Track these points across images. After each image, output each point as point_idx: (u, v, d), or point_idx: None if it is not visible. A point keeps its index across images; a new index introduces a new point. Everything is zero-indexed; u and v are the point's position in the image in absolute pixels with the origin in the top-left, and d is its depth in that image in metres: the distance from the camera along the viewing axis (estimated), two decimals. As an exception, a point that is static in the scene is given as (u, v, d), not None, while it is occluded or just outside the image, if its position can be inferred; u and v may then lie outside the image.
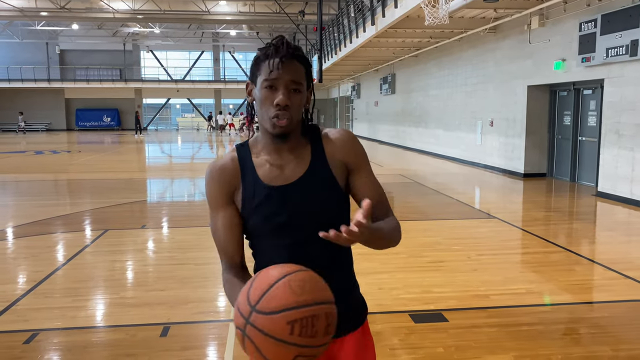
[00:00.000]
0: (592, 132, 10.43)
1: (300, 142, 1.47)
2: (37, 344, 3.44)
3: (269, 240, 1.44)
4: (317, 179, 1.44)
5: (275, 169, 1.44)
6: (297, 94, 1.39)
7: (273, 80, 1.36)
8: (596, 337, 3.53)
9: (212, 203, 1.49)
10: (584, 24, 9.37)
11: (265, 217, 1.42)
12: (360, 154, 1.50)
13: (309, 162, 1.45)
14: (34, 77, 37.80)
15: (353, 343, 1.50)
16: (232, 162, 1.47)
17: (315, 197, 1.43)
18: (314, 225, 1.38)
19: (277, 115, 1.37)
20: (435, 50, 16.60)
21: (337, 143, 1.47)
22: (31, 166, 15.49)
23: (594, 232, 6.97)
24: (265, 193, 1.42)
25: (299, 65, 1.39)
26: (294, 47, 1.39)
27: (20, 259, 5.60)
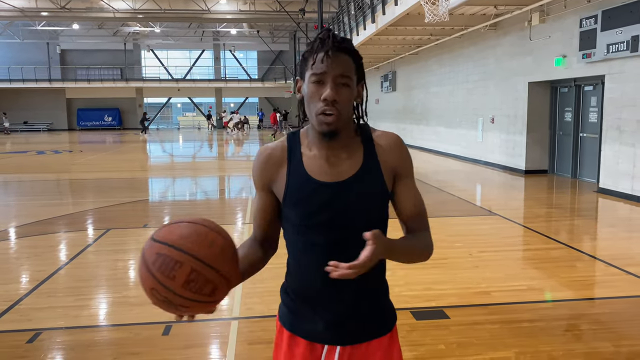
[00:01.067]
0: (593, 129, 10.42)
1: (352, 139, 1.43)
2: (41, 343, 3.46)
3: (305, 235, 1.40)
4: (369, 179, 1.40)
5: (326, 164, 1.39)
6: (345, 88, 1.33)
7: (320, 75, 1.32)
8: (597, 333, 3.54)
9: (255, 184, 1.48)
10: (584, 20, 9.36)
11: (308, 211, 1.38)
12: (409, 161, 1.47)
13: (361, 161, 1.40)
14: (35, 77, 37.84)
15: (379, 350, 1.46)
16: (281, 151, 1.43)
17: (364, 198, 1.38)
18: (355, 226, 1.35)
19: (324, 111, 1.32)
20: (435, 48, 16.59)
21: (389, 147, 1.43)
22: (33, 166, 15.52)
23: (595, 229, 6.97)
24: (312, 187, 1.37)
25: (347, 58, 1.34)
26: (342, 40, 1.34)
27: (23, 259, 5.62)
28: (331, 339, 1.42)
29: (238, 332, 3.59)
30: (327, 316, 1.41)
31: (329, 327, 1.41)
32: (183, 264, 1.16)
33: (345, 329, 1.42)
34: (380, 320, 1.48)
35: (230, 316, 3.91)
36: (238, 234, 6.59)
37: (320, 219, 1.37)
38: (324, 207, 1.36)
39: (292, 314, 1.46)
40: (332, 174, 1.38)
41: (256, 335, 3.57)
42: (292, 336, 1.45)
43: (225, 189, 11.27)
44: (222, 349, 3.38)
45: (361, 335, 1.44)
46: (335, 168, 1.39)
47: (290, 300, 1.47)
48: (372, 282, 1.44)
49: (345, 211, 1.37)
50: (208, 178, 12.93)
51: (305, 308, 1.43)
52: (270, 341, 3.45)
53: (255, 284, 4.60)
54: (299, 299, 1.45)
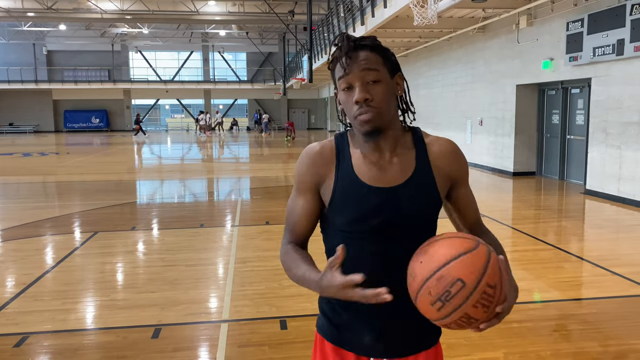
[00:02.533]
0: (580, 131, 10.53)
1: (401, 142, 1.37)
2: (28, 347, 3.42)
3: (352, 241, 1.31)
4: (421, 186, 1.34)
5: (376, 168, 1.33)
6: (376, 85, 1.27)
7: (346, 79, 1.28)
8: (585, 333, 3.58)
9: (298, 184, 1.39)
10: (571, 24, 9.46)
11: (357, 216, 1.31)
12: (466, 167, 1.43)
13: (413, 167, 1.34)
14: (21, 79, 37.44)
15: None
16: (330, 151, 1.36)
17: (415, 206, 1.33)
18: (407, 233, 1.31)
19: (360, 113, 1.27)
20: (424, 50, 16.68)
21: (443, 153, 1.39)
22: (19, 168, 15.35)
23: (582, 230, 7.04)
24: (362, 192, 1.31)
25: (370, 54, 1.29)
26: (359, 38, 1.30)
27: (9, 262, 5.55)
28: (379, 352, 1.38)
29: (227, 335, 3.57)
30: (376, 328, 1.36)
31: (377, 339, 1.36)
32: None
33: (394, 340, 1.37)
34: (428, 332, 1.43)
35: (219, 319, 3.89)
36: (227, 236, 6.57)
37: (370, 225, 1.30)
38: (374, 213, 1.30)
39: (336, 326, 1.40)
40: (383, 178, 1.32)
41: (246, 338, 3.55)
42: (337, 349, 1.40)
43: (215, 191, 11.22)
44: (212, 351, 3.36)
45: (409, 348, 1.40)
46: (386, 172, 1.33)
47: (334, 311, 1.40)
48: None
49: (396, 218, 1.31)
50: (196, 180, 12.87)
51: (352, 320, 1.37)
52: (260, 343, 3.45)
53: (245, 286, 4.58)
54: (345, 310, 1.37)
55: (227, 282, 4.70)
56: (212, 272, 5.13)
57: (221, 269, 5.18)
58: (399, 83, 1.36)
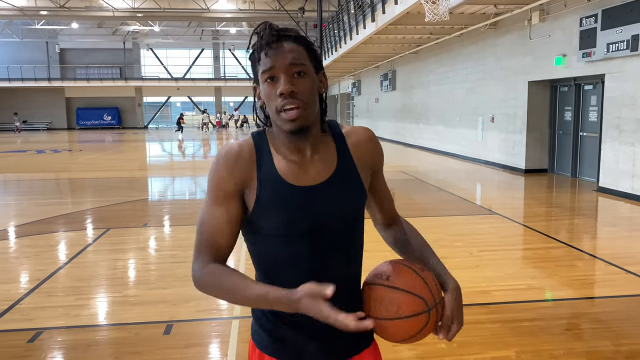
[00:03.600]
0: (593, 128, 10.42)
1: (321, 138, 1.31)
2: (41, 342, 3.46)
3: (284, 248, 1.25)
4: (346, 180, 1.29)
5: (298, 166, 1.26)
6: (302, 77, 1.20)
7: (270, 70, 1.19)
8: (597, 332, 3.55)
9: (216, 191, 1.25)
10: (584, 19, 9.36)
11: (287, 218, 1.23)
12: (382, 155, 1.40)
13: (335, 161, 1.29)
14: (34, 76, 37.82)
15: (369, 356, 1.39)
16: (249, 152, 1.26)
17: (343, 201, 1.28)
18: (338, 230, 1.27)
19: (284, 106, 1.19)
20: (435, 47, 16.58)
21: (363, 143, 1.34)
22: (33, 165, 15.52)
23: (595, 228, 6.98)
24: (287, 193, 1.24)
25: (294, 45, 1.21)
26: (284, 29, 1.21)
27: (23, 258, 5.62)
28: (324, 358, 1.32)
29: (239, 331, 3.59)
30: (318, 335, 1.28)
31: (320, 347, 1.30)
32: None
33: (337, 345, 1.31)
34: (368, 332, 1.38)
35: (230, 315, 3.91)
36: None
37: (301, 227, 1.23)
38: (303, 213, 1.23)
39: (274, 338, 1.31)
40: (308, 176, 1.26)
41: (256, 335, 3.56)
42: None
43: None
44: (223, 348, 3.38)
45: (353, 348, 1.35)
46: (310, 170, 1.26)
47: (270, 322, 1.31)
48: (356, 295, 1.31)
49: (325, 217, 1.24)
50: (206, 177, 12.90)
51: (289, 331, 1.29)
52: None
53: (256, 283, 4.60)
54: (281, 321, 1.29)
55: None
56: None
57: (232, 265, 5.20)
58: (323, 80, 1.29)
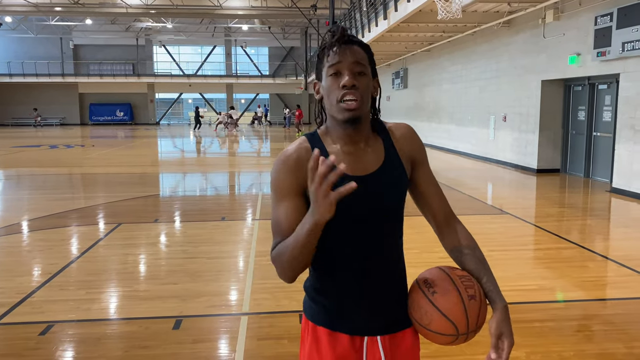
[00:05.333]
0: (607, 128, 10.31)
1: (371, 132, 1.47)
2: (53, 335, 3.50)
3: (340, 231, 1.39)
4: (393, 170, 1.44)
5: (352, 157, 1.41)
6: (362, 76, 1.37)
7: (336, 65, 1.36)
8: (609, 334, 3.51)
9: (281, 192, 1.40)
10: (599, 18, 9.25)
11: (342, 207, 1.31)
12: (424, 148, 1.54)
13: (383, 153, 1.45)
14: (48, 72, 38.17)
15: (410, 338, 1.52)
16: (306, 152, 1.40)
17: (392, 188, 1.43)
18: (387, 215, 1.44)
19: (345, 96, 1.35)
20: (448, 45, 16.49)
21: (404, 137, 1.50)
22: (46, 160, 15.67)
23: (608, 229, 6.90)
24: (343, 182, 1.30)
25: (359, 49, 1.39)
26: (352, 35, 1.40)
27: (36, 252, 5.68)
28: (371, 330, 1.46)
29: (247, 328, 3.60)
30: (367, 308, 1.44)
31: (369, 319, 1.45)
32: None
33: (385, 319, 1.46)
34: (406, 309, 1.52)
35: (239, 312, 3.92)
36: (248, 229, 6.61)
37: (354, 213, 1.38)
38: (357, 201, 1.36)
39: (328, 311, 1.46)
40: (360, 167, 1.41)
41: (265, 331, 3.58)
42: (331, 332, 1.46)
43: (235, 185, 11.30)
44: (232, 344, 3.39)
45: (397, 324, 1.49)
46: (362, 161, 1.42)
47: (325, 298, 1.47)
48: (403, 277, 1.53)
49: (377, 202, 1.40)
50: (218, 173, 12.97)
51: (342, 303, 1.44)
52: (280, 337, 3.46)
53: (265, 280, 4.61)
54: (336, 295, 1.45)
55: (247, 275, 4.73)
56: (232, 265, 5.17)
57: (242, 262, 5.22)
58: (376, 86, 1.47)
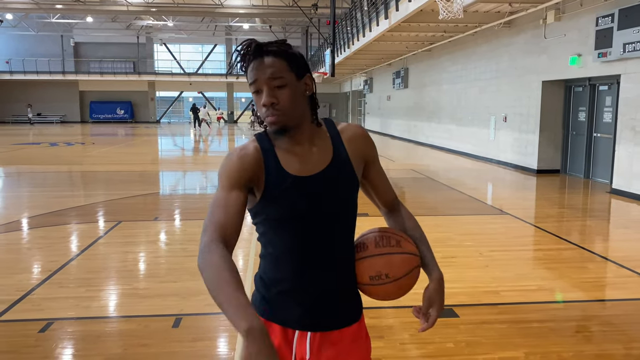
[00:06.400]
0: (607, 129, 10.31)
1: (317, 132, 1.49)
2: (52, 333, 3.50)
3: (285, 228, 1.44)
4: (341, 169, 1.47)
5: (298, 158, 1.45)
6: (282, 89, 1.39)
7: (254, 84, 1.40)
8: (608, 335, 3.51)
9: (229, 182, 1.42)
10: (600, 19, 9.24)
11: (288, 206, 1.42)
12: (374, 147, 1.58)
13: (331, 153, 1.48)
14: (49, 70, 38.16)
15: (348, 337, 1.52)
16: (255, 151, 1.45)
17: (338, 187, 1.46)
18: (332, 213, 1.45)
19: (267, 115, 1.40)
20: (449, 45, 16.48)
21: (355, 137, 1.52)
22: (46, 158, 15.67)
23: (607, 230, 6.90)
24: (290, 182, 1.42)
25: (275, 60, 1.39)
26: (265, 44, 1.40)
27: (35, 249, 5.68)
28: (302, 325, 1.47)
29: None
30: (302, 303, 1.46)
31: (303, 314, 1.46)
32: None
33: (318, 317, 1.47)
34: (351, 308, 1.53)
35: (239, 310, 3.92)
36: (247, 228, 6.61)
37: (299, 210, 1.41)
38: (301, 199, 1.41)
39: (266, 302, 1.49)
40: (307, 167, 1.44)
41: (264, 330, 3.57)
42: (267, 322, 1.48)
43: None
44: (231, 342, 3.39)
45: (331, 323, 1.49)
46: (308, 161, 1.45)
47: (265, 288, 1.50)
48: (350, 274, 1.51)
49: (321, 201, 1.43)
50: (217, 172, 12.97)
51: (281, 296, 1.47)
52: (279, 336, 3.47)
53: (264, 278, 4.61)
54: (275, 287, 1.48)
55: (247, 273, 4.73)
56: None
57: (241, 260, 5.22)
58: (308, 83, 1.46)
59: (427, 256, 1.56)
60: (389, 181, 1.65)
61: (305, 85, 1.45)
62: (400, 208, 1.68)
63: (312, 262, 1.45)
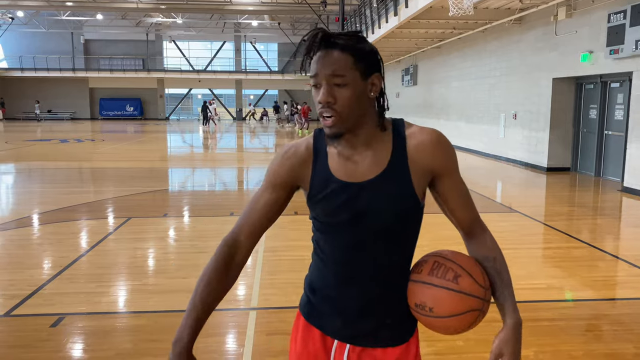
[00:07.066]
0: (618, 126, 10.21)
1: (378, 136, 1.35)
2: (63, 327, 3.53)
3: (327, 233, 1.39)
4: (393, 182, 1.32)
5: (349, 163, 1.34)
6: (342, 88, 1.26)
7: (314, 78, 1.29)
8: (618, 334, 3.49)
9: (267, 179, 1.42)
10: (612, 15, 9.15)
11: (329, 210, 1.35)
12: (451, 158, 1.36)
13: (387, 161, 1.33)
14: (59, 67, 38.42)
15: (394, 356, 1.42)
16: (307, 149, 1.39)
17: (384, 200, 1.32)
18: (375, 227, 1.34)
19: (322, 113, 1.29)
20: (458, 42, 16.40)
21: (423, 144, 1.33)
22: (56, 154, 15.79)
23: (618, 228, 6.85)
24: (333, 187, 1.34)
25: (341, 55, 1.26)
26: (333, 35, 1.27)
27: (47, 245, 5.73)
28: (342, 337, 1.42)
29: (256, 323, 3.61)
30: (344, 314, 1.40)
31: (345, 325, 1.41)
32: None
33: (359, 330, 1.40)
34: (399, 329, 1.43)
35: (248, 307, 3.94)
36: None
37: (340, 218, 1.34)
38: (343, 207, 1.33)
39: (311, 305, 1.46)
40: (355, 174, 1.33)
41: (274, 326, 3.59)
42: (308, 325, 1.46)
43: (244, 180, 11.33)
44: (240, 339, 3.41)
45: (375, 341, 1.41)
46: (359, 168, 1.33)
47: (312, 292, 1.47)
48: (393, 288, 1.39)
49: (363, 212, 1.32)
50: (226, 169, 13.01)
51: (323, 302, 1.43)
52: (288, 332, 3.46)
53: (274, 275, 4.63)
54: (320, 293, 1.44)
55: (256, 270, 4.75)
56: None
57: (250, 257, 5.24)
58: (375, 83, 1.32)
59: (503, 296, 1.39)
60: (469, 199, 1.44)
61: (371, 85, 1.31)
62: (480, 233, 1.48)
63: (356, 274, 1.37)
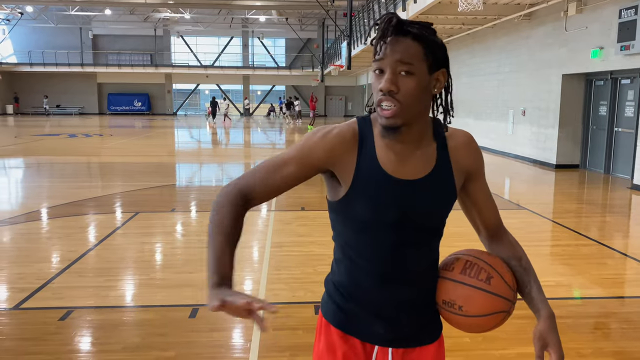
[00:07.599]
0: (629, 123, 10.12)
1: (425, 134, 1.31)
2: (72, 321, 3.55)
3: (369, 233, 1.31)
4: (441, 181, 1.31)
5: (398, 159, 1.28)
6: (407, 77, 1.19)
7: (378, 62, 1.22)
8: (627, 332, 3.46)
9: (298, 153, 1.29)
10: (624, 11, 9.05)
11: (375, 205, 1.28)
12: (482, 159, 1.40)
13: (434, 161, 1.31)
14: (67, 62, 38.60)
15: (428, 356, 1.42)
16: (353, 136, 1.29)
17: (435, 199, 1.31)
18: (423, 226, 1.32)
19: (381, 102, 1.21)
20: (467, 37, 16.30)
21: (461, 146, 1.35)
22: (65, 149, 15.88)
23: (628, 226, 6.79)
24: (383, 181, 1.27)
25: (412, 43, 1.20)
26: (407, 22, 1.21)
27: (55, 239, 5.77)
28: (386, 341, 1.38)
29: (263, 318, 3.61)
30: (383, 318, 1.36)
31: (385, 329, 1.36)
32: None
33: (400, 332, 1.37)
34: (432, 326, 1.43)
35: (254, 301, 3.94)
36: (263, 220, 6.64)
37: (389, 217, 1.28)
38: (394, 205, 1.27)
39: (343, 313, 1.38)
40: (406, 171, 1.28)
41: (281, 322, 3.59)
42: (344, 335, 1.39)
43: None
44: (247, 333, 3.41)
45: (414, 340, 1.40)
46: (409, 165, 1.29)
47: (342, 298, 1.38)
48: (429, 286, 1.38)
49: (414, 211, 1.29)
50: (234, 164, 13.02)
51: (359, 308, 1.36)
52: (295, 327, 3.48)
53: (280, 270, 4.63)
54: (354, 298, 1.37)
55: (263, 265, 4.75)
56: (248, 255, 5.20)
57: (257, 252, 5.25)
58: (440, 79, 1.26)
59: (532, 291, 1.40)
60: (494, 202, 1.46)
61: (435, 80, 1.25)
62: (504, 233, 1.49)
63: (397, 276, 1.32)
